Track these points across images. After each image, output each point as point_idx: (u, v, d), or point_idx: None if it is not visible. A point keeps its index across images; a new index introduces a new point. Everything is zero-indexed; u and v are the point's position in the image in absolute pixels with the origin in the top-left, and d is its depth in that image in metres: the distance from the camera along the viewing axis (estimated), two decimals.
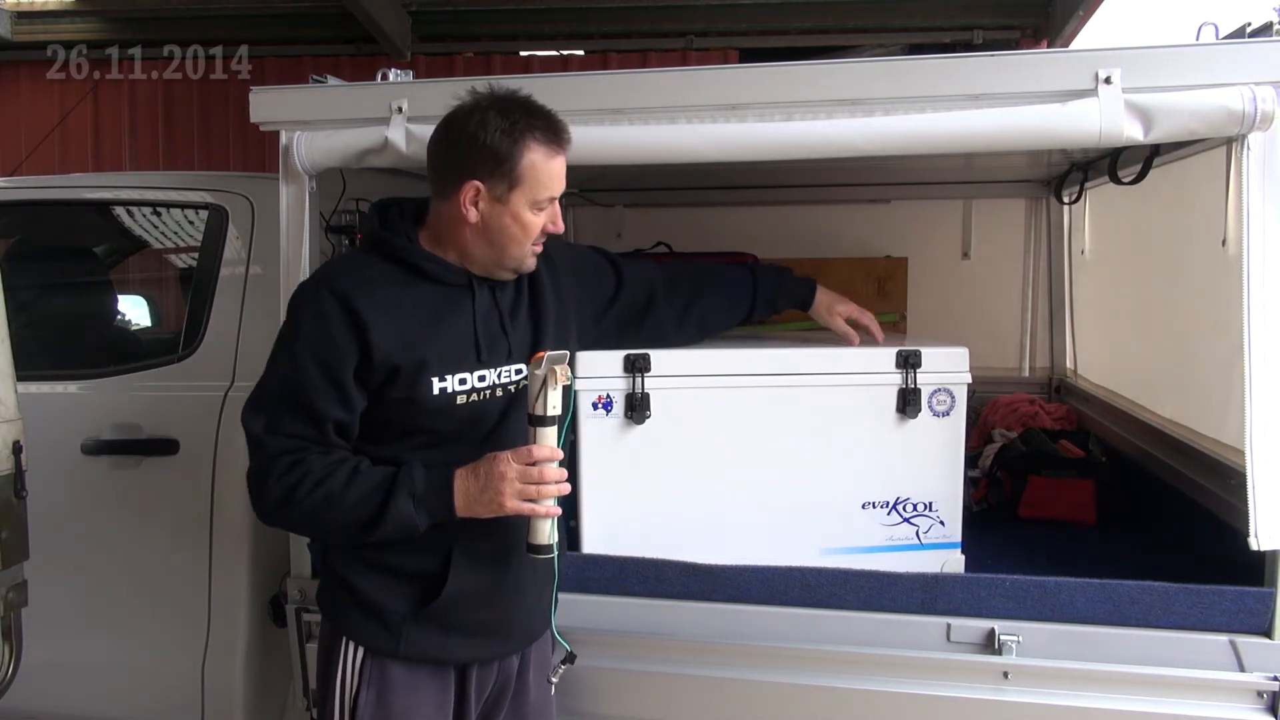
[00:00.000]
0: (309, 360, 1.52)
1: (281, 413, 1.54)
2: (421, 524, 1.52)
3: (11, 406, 2.10)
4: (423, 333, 1.57)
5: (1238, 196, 1.72)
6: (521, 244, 1.59)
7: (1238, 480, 1.77)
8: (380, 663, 1.61)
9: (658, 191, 3.50)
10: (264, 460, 1.53)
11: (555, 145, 1.57)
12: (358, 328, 1.52)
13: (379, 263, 1.60)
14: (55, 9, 5.95)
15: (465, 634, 1.64)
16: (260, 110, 1.99)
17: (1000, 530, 2.52)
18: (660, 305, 1.98)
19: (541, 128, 1.55)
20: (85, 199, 2.80)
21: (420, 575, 1.61)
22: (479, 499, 1.52)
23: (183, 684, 2.42)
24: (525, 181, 1.54)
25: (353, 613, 1.62)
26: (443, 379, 1.57)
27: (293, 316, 1.57)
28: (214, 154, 5.96)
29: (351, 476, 1.52)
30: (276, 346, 1.59)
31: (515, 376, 1.65)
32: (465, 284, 1.62)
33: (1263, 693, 1.67)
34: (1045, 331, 3.45)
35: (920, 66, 1.78)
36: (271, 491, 1.52)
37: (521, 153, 1.53)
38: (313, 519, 1.54)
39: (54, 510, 2.32)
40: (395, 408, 1.57)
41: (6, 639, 2.11)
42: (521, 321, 1.69)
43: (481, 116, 1.53)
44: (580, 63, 5.81)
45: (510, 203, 1.55)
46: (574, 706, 1.91)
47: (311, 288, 1.59)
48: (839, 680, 1.80)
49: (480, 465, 1.53)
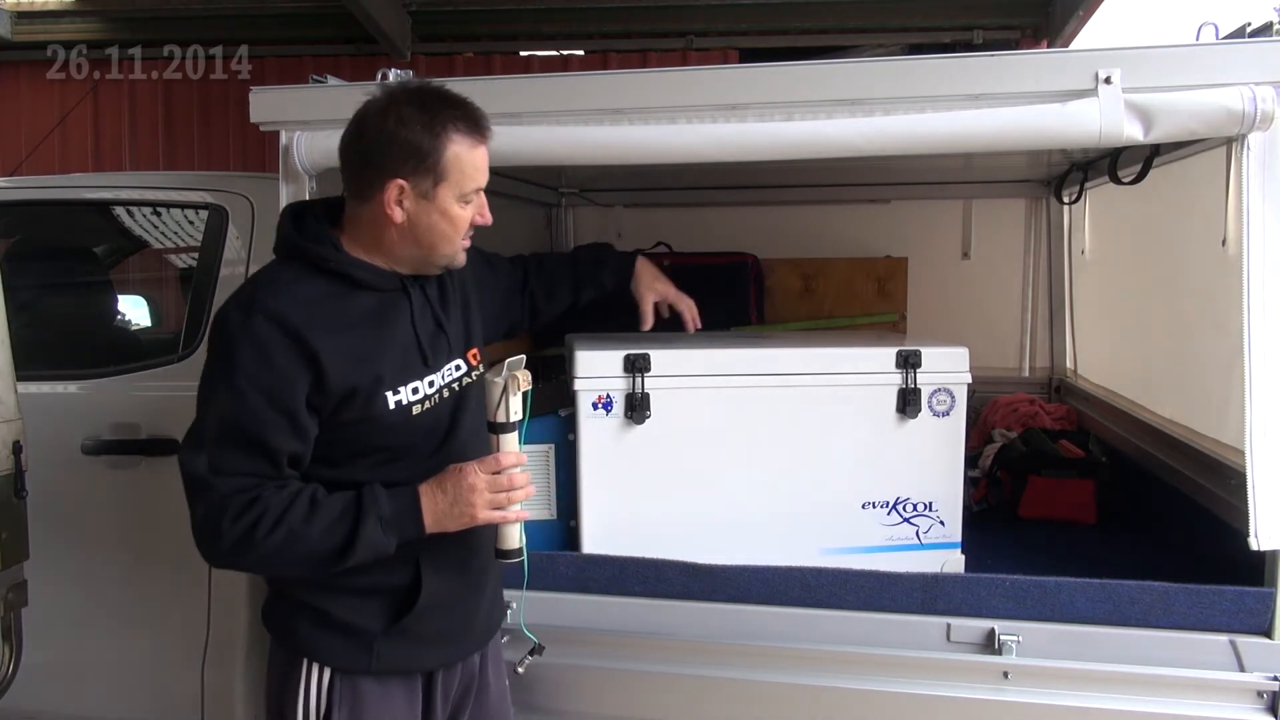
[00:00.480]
0: (253, 393, 1.41)
1: (227, 451, 1.42)
2: (391, 547, 1.46)
3: (11, 406, 2.10)
4: (371, 347, 1.49)
5: (1238, 196, 1.72)
6: (452, 240, 1.53)
7: (1238, 480, 1.77)
8: (352, 681, 1.55)
9: (658, 191, 3.50)
10: (213, 502, 1.41)
11: (477, 134, 1.50)
12: (306, 353, 1.42)
13: (308, 277, 1.49)
14: (55, 9, 5.95)
15: (435, 641, 1.60)
16: (260, 110, 1.99)
17: (1000, 530, 2.52)
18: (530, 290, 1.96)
19: (462, 118, 1.48)
20: (85, 199, 2.80)
21: (389, 591, 1.55)
22: (449, 514, 1.47)
23: (183, 684, 2.42)
24: (450, 175, 1.48)
25: (316, 633, 1.54)
26: (397, 391, 1.51)
27: (224, 347, 1.44)
28: (214, 154, 5.95)
29: (312, 508, 1.43)
30: (208, 381, 1.46)
31: (457, 374, 1.61)
32: (399, 288, 1.56)
33: (1263, 693, 1.67)
34: (1045, 331, 3.45)
35: (920, 66, 1.78)
36: (227, 535, 1.40)
37: (444, 145, 1.46)
38: (276, 558, 1.43)
39: (54, 510, 2.32)
40: (351, 428, 1.49)
41: (6, 639, 2.11)
42: (454, 315, 1.65)
43: (399, 112, 1.46)
44: (580, 63, 5.80)
45: (437, 199, 1.48)
46: (574, 706, 1.91)
47: (239, 315, 1.44)
48: (839, 680, 1.80)
49: (446, 479, 1.48)
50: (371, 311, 1.52)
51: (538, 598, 1.90)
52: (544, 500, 2.11)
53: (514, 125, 1.86)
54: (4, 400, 2.08)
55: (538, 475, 2.10)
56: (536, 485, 2.09)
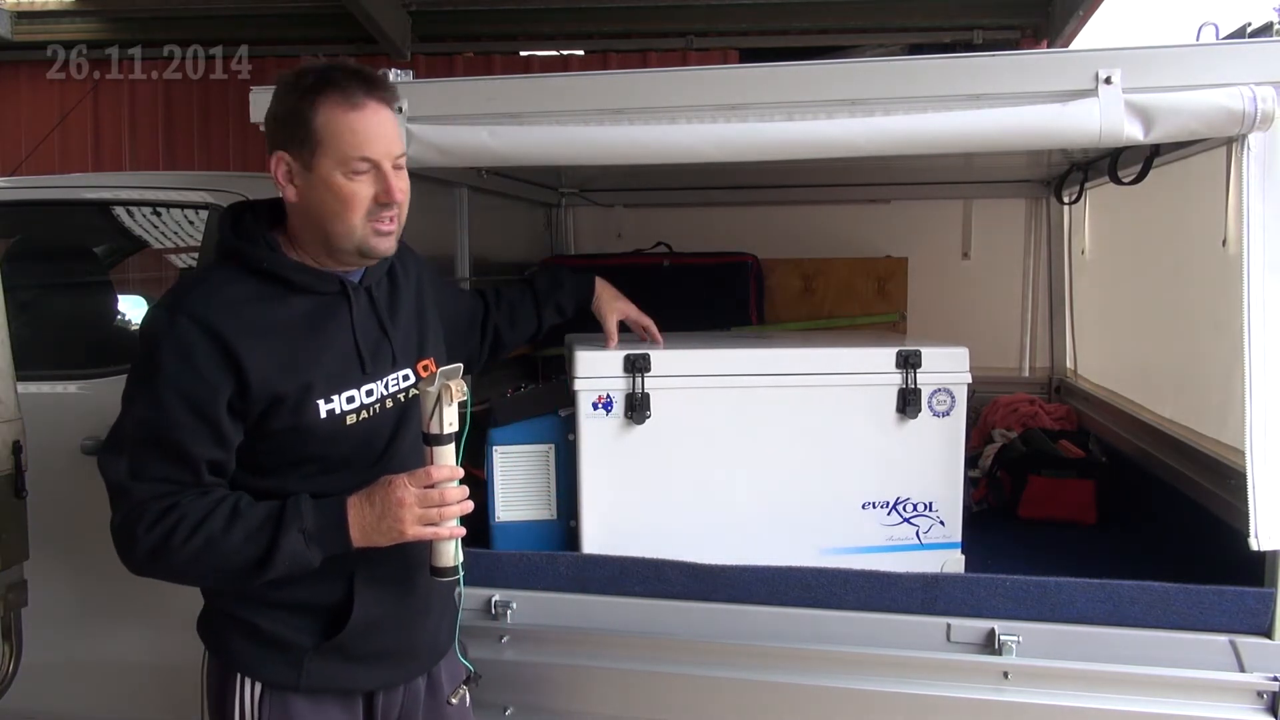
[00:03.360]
0: (172, 398, 1.36)
1: (146, 456, 1.37)
2: (315, 561, 1.41)
3: (11, 406, 2.10)
4: (302, 353, 1.43)
5: (1238, 196, 1.72)
6: (344, 218, 1.42)
7: (1238, 480, 1.77)
8: (281, 697, 1.49)
9: (658, 191, 3.50)
10: (130, 508, 1.37)
11: (349, 97, 1.39)
12: (228, 357, 1.37)
13: (240, 278, 1.44)
14: (55, 9, 5.95)
15: (372, 662, 1.54)
16: (260, 110, 1.97)
17: (1000, 530, 2.52)
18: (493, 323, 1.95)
19: (334, 81, 1.39)
20: (85, 199, 2.80)
21: (320, 607, 1.49)
22: (377, 528, 1.41)
23: (183, 684, 2.41)
24: (325, 141, 1.38)
25: (246, 646, 1.49)
26: (329, 400, 1.44)
27: (147, 349, 1.39)
28: (214, 154, 5.96)
29: (232, 517, 1.38)
30: (131, 384, 1.41)
31: (403, 384, 1.55)
32: (339, 291, 1.49)
33: (1263, 693, 1.66)
34: (1045, 331, 3.45)
35: (920, 66, 1.78)
36: (143, 541, 1.36)
37: (313, 109, 1.38)
38: (193, 566, 1.39)
39: (54, 510, 2.32)
40: (279, 437, 1.43)
41: (6, 639, 2.11)
42: (403, 322, 1.58)
43: (281, 85, 1.42)
44: (580, 63, 5.81)
45: (317, 169, 1.40)
46: (574, 706, 1.91)
47: (165, 316, 1.39)
48: (839, 680, 1.80)
49: (375, 492, 1.42)
50: (306, 316, 1.46)
51: (538, 597, 1.91)
52: (544, 500, 2.11)
53: (514, 125, 1.86)
54: (4, 400, 2.08)
55: (538, 475, 2.10)
56: (537, 485, 2.10)
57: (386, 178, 1.43)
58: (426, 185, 1.66)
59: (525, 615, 1.90)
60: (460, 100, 1.88)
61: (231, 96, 5.82)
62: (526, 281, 2.06)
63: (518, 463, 2.10)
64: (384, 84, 1.46)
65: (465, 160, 1.92)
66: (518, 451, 2.10)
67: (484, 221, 2.92)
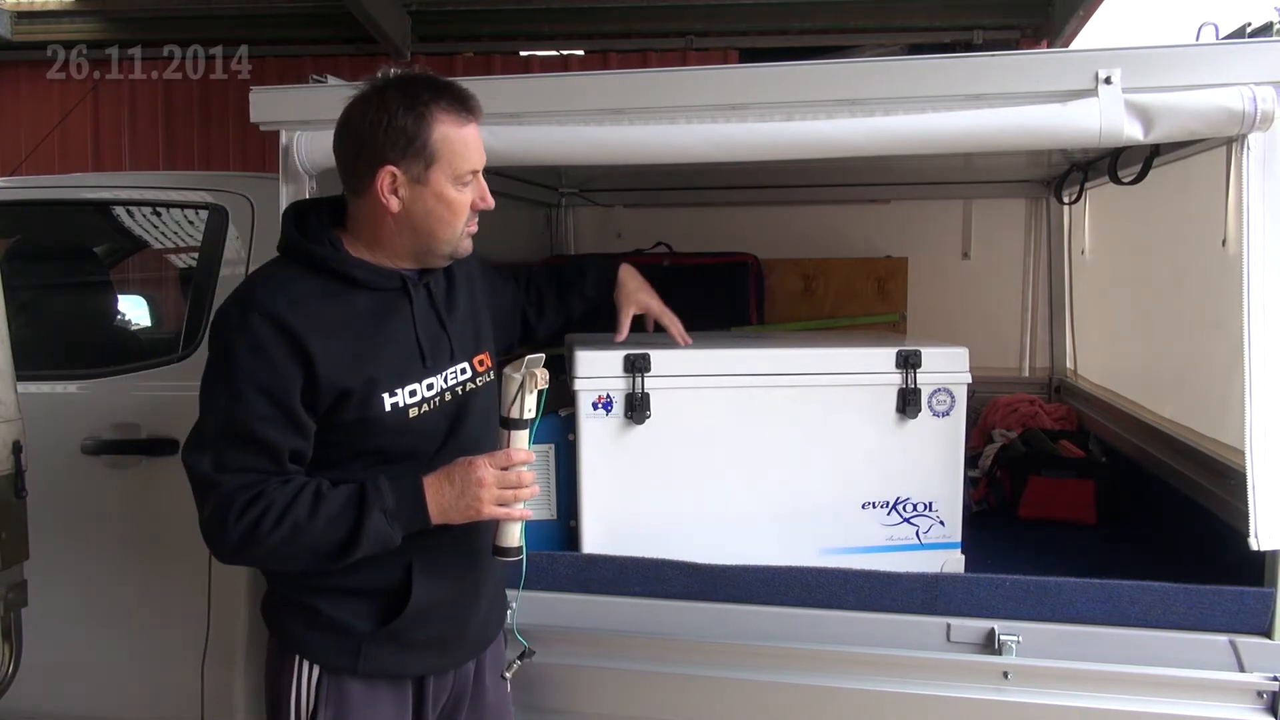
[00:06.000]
0: (251, 390, 1.41)
1: (230, 449, 1.42)
2: (397, 539, 1.46)
3: (11, 406, 2.10)
4: (367, 348, 1.49)
5: (1238, 196, 1.72)
6: (451, 225, 1.52)
7: (1238, 480, 1.77)
8: (338, 680, 1.54)
9: (658, 191, 3.50)
10: (220, 499, 1.42)
11: (464, 113, 1.49)
12: (299, 351, 1.42)
13: (305, 276, 1.49)
14: (55, 9, 5.95)
15: (425, 647, 1.58)
16: (260, 110, 1.99)
17: (1000, 530, 2.52)
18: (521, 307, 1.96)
19: (447, 97, 1.47)
20: (85, 199, 2.80)
21: (379, 591, 1.53)
22: (455, 506, 1.47)
23: (183, 684, 2.42)
24: (441, 156, 1.47)
25: (307, 630, 1.54)
26: (393, 394, 1.49)
27: (222, 346, 1.45)
28: (214, 154, 5.96)
29: (316, 501, 1.43)
30: (208, 382, 1.47)
31: (461, 378, 1.59)
32: (400, 288, 1.54)
33: (1263, 693, 1.67)
34: (1045, 331, 3.45)
35: (920, 66, 1.78)
36: (233, 530, 1.41)
37: (431, 126, 1.46)
38: (281, 551, 1.43)
39: (54, 510, 2.32)
40: (346, 429, 1.48)
41: (6, 639, 2.11)
42: (459, 317, 1.63)
43: (381, 99, 1.46)
44: (580, 63, 5.81)
45: (430, 182, 1.48)
46: (574, 707, 1.91)
47: (238, 313, 1.45)
48: (839, 680, 1.80)
49: (455, 471, 1.48)
50: (369, 312, 1.51)
51: (538, 598, 1.91)
52: (544, 500, 2.11)
53: (514, 125, 1.86)
54: (4, 400, 2.08)
55: (538, 475, 2.10)
56: (537, 485, 2.10)
57: (483, 188, 1.55)
58: None
59: (525, 615, 1.90)
60: None
61: (231, 96, 5.81)
62: (556, 269, 2.06)
63: None
64: (479, 102, 1.53)
65: None
66: None
67: (484, 221, 2.91)
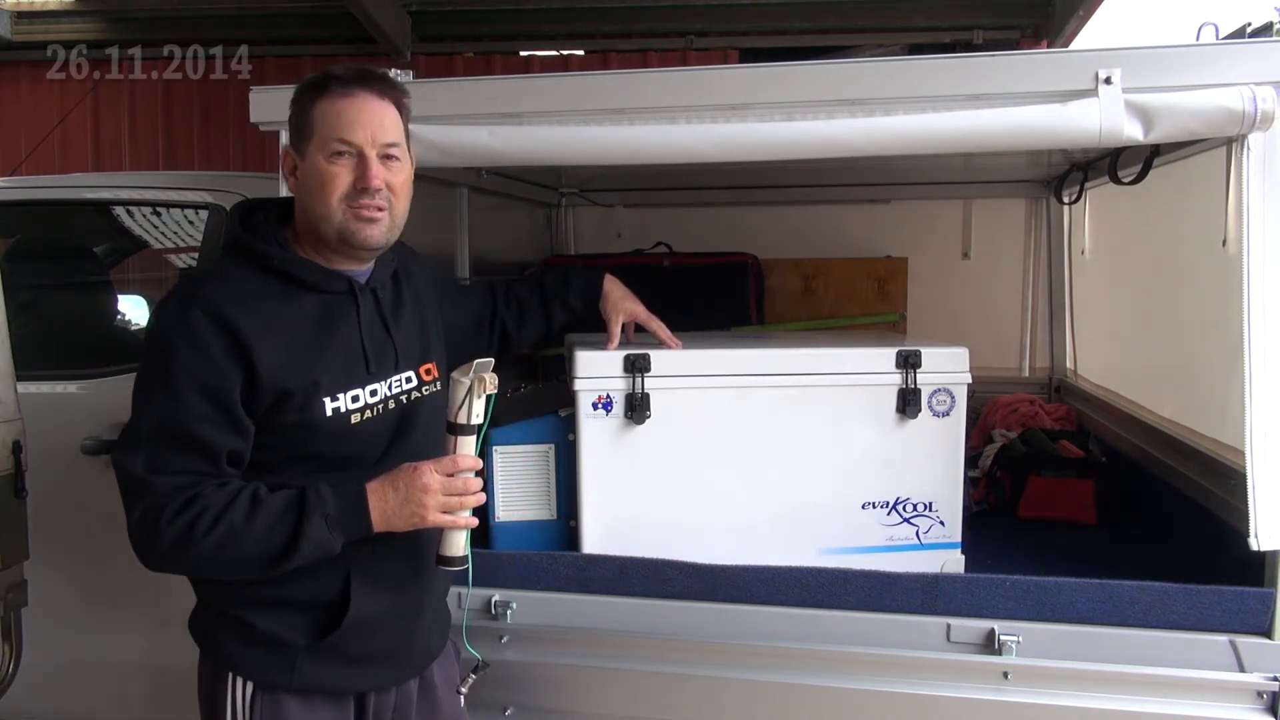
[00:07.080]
0: (189, 388, 1.36)
1: (165, 449, 1.37)
2: (337, 546, 1.41)
3: (11, 406, 2.10)
4: (311, 350, 1.45)
5: (1238, 196, 1.72)
6: (323, 200, 1.45)
7: (1238, 480, 1.76)
8: (274, 697, 1.48)
9: (658, 191, 3.50)
10: (152, 501, 1.36)
11: (341, 89, 1.46)
12: (240, 349, 1.38)
13: (250, 274, 1.46)
14: (55, 9, 5.95)
15: (365, 662, 1.53)
16: (260, 110, 1.98)
17: (1000, 530, 2.52)
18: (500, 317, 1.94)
19: (333, 76, 1.47)
20: (85, 199, 2.81)
21: (316, 602, 1.48)
22: (399, 513, 1.42)
23: (182, 684, 2.41)
24: (316, 130, 1.46)
25: (240, 645, 1.48)
26: (335, 398, 1.45)
27: (159, 343, 1.40)
28: (214, 154, 5.96)
29: (254, 506, 1.38)
30: (143, 380, 1.41)
31: (406, 386, 1.56)
32: (347, 291, 1.51)
33: (1262, 693, 1.66)
34: (1045, 331, 3.45)
35: (920, 66, 1.78)
36: (165, 534, 1.35)
37: (311, 104, 1.47)
38: (215, 557, 1.38)
39: (54, 510, 2.32)
40: (285, 432, 1.44)
41: (6, 639, 2.12)
42: (405, 325, 1.59)
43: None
44: (580, 63, 5.81)
45: (307, 156, 1.47)
46: (574, 707, 1.91)
47: (178, 309, 1.40)
48: (839, 680, 1.80)
49: (399, 477, 1.43)
50: (315, 314, 1.48)
51: (538, 597, 1.91)
52: (544, 500, 2.11)
53: (514, 125, 1.86)
54: (4, 400, 2.08)
55: (538, 475, 2.10)
56: (537, 485, 2.10)
57: (366, 163, 1.45)
58: (427, 185, 1.67)
59: (525, 615, 1.90)
60: (460, 100, 1.88)
61: (231, 96, 5.82)
62: (538, 279, 2.05)
63: (518, 463, 2.10)
64: (380, 77, 1.50)
65: (465, 160, 1.92)
66: (518, 451, 2.10)
67: (484, 221, 2.93)
